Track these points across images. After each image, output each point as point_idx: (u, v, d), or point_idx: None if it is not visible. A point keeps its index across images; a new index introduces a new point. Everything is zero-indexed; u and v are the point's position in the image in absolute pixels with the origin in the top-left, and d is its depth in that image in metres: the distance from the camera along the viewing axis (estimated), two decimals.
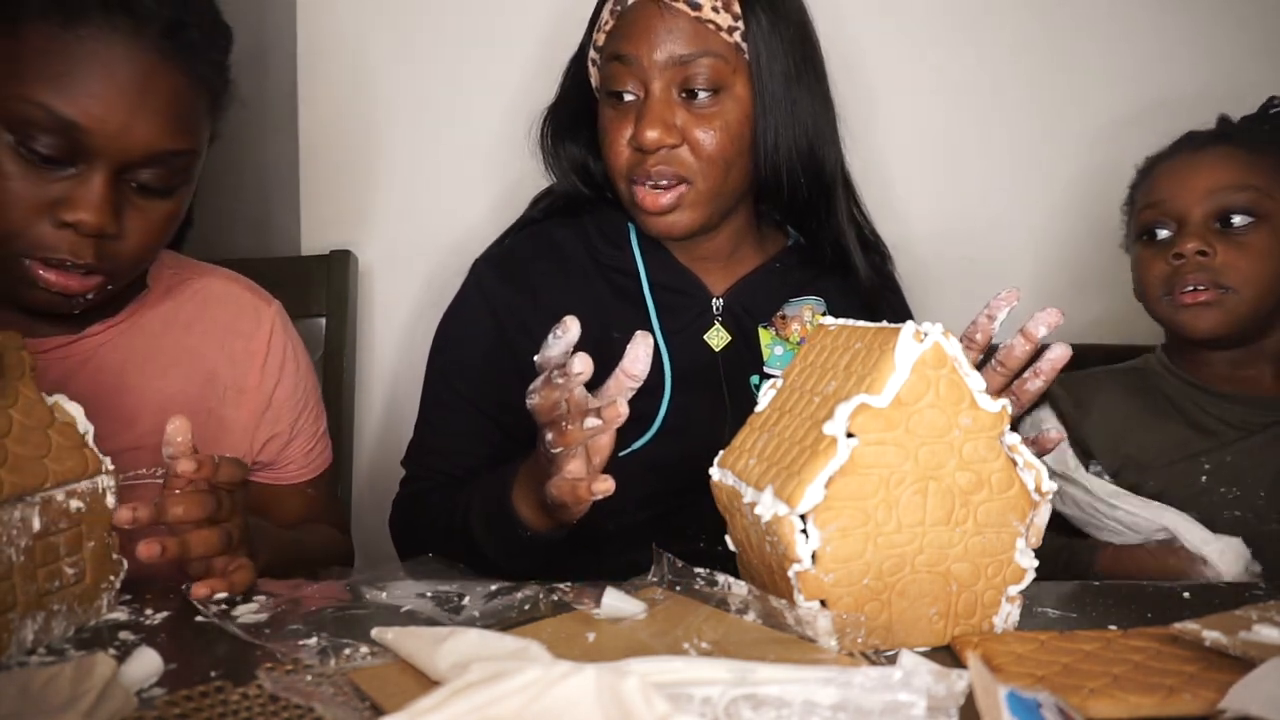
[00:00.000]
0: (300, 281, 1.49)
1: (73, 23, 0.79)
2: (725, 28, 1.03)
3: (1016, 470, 0.69)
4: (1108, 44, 1.62)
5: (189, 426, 0.76)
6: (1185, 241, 1.14)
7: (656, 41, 1.02)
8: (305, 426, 1.07)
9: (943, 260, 1.61)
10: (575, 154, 1.17)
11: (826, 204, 1.12)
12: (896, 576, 0.68)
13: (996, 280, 1.09)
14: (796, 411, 0.73)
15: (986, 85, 1.63)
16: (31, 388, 0.70)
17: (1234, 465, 1.14)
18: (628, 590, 0.75)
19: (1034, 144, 1.64)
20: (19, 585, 0.65)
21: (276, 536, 0.95)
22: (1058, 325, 0.88)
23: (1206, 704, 0.58)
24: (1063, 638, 0.68)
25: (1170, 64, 1.62)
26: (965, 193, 1.65)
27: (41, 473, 0.68)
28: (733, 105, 1.04)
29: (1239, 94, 1.27)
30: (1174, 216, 1.17)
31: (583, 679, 0.50)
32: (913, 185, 1.63)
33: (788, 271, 1.17)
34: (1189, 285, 1.14)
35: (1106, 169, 1.58)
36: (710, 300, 1.13)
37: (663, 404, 1.07)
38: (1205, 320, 1.14)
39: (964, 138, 1.64)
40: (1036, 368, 0.89)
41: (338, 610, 0.74)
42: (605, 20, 1.08)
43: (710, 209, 1.06)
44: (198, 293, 1.01)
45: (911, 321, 0.68)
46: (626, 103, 1.05)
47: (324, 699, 0.57)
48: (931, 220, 1.63)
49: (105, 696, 0.56)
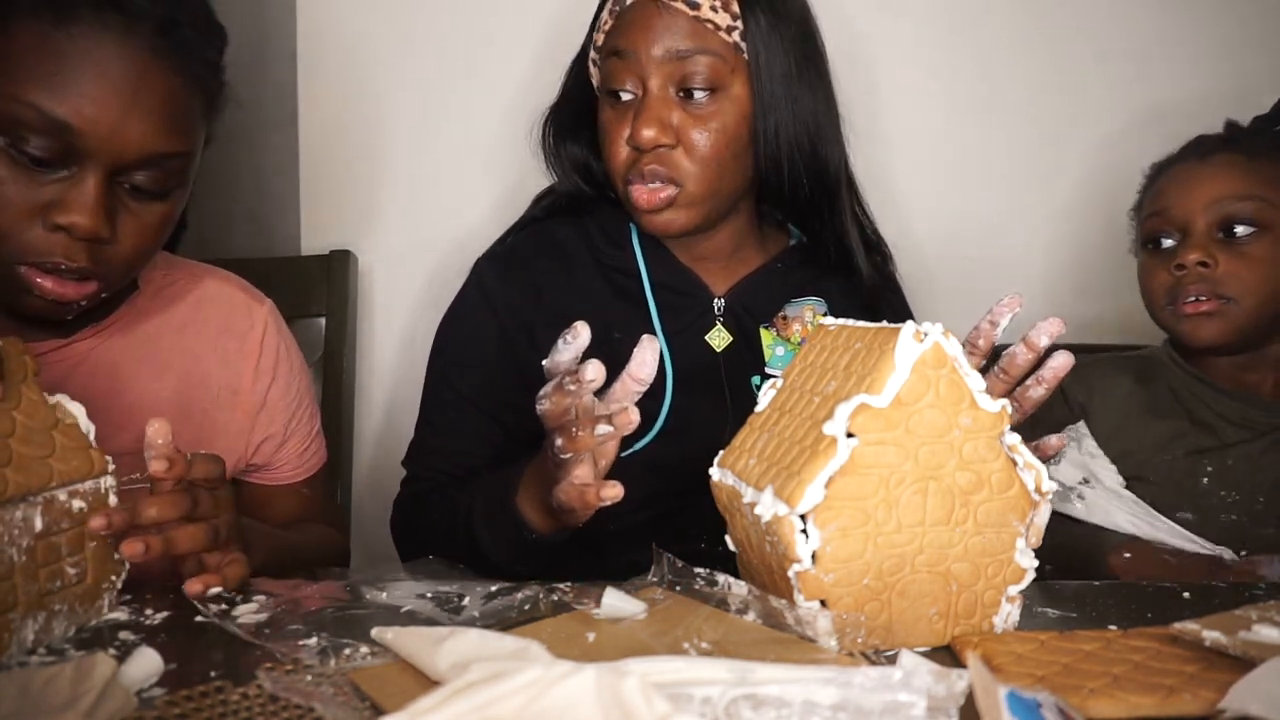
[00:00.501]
0: (300, 281, 1.49)
1: (64, 21, 0.78)
2: (724, 27, 1.03)
3: (1016, 470, 0.69)
4: (1111, 44, 1.62)
5: (169, 429, 0.76)
6: (1187, 252, 1.14)
7: (654, 37, 1.03)
8: (299, 427, 1.06)
9: (945, 261, 1.61)
10: (577, 154, 1.17)
11: (830, 204, 1.12)
12: (896, 576, 0.68)
13: (999, 281, 1.09)
14: (796, 411, 0.73)
15: (991, 86, 1.63)
16: (35, 390, 0.71)
17: (1234, 470, 1.14)
18: (628, 590, 0.75)
19: (1038, 145, 1.64)
20: (20, 585, 0.65)
21: (270, 535, 0.94)
22: (1060, 334, 0.89)
23: (1206, 704, 0.58)
24: (1063, 638, 0.68)
25: (1175, 64, 1.62)
26: (968, 193, 1.65)
27: (46, 473, 0.68)
28: (730, 106, 1.04)
29: (1247, 94, 1.27)
30: (1177, 226, 1.17)
31: (583, 679, 0.50)
32: (915, 185, 1.63)
33: (789, 272, 1.17)
34: (1190, 295, 1.14)
35: (1110, 171, 1.59)
36: (711, 300, 1.13)
37: (664, 405, 1.07)
38: (1206, 330, 1.15)
39: (967, 138, 1.64)
40: (1039, 375, 0.90)
41: (338, 610, 0.74)
42: (605, 20, 1.09)
43: (705, 210, 1.06)
44: (189, 293, 1.00)
45: (911, 321, 0.68)
46: (625, 102, 1.06)
47: (324, 699, 0.57)
48: (934, 221, 1.63)
49: (105, 696, 0.56)
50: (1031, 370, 0.90)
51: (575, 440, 0.80)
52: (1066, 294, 1.63)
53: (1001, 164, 1.64)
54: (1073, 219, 1.64)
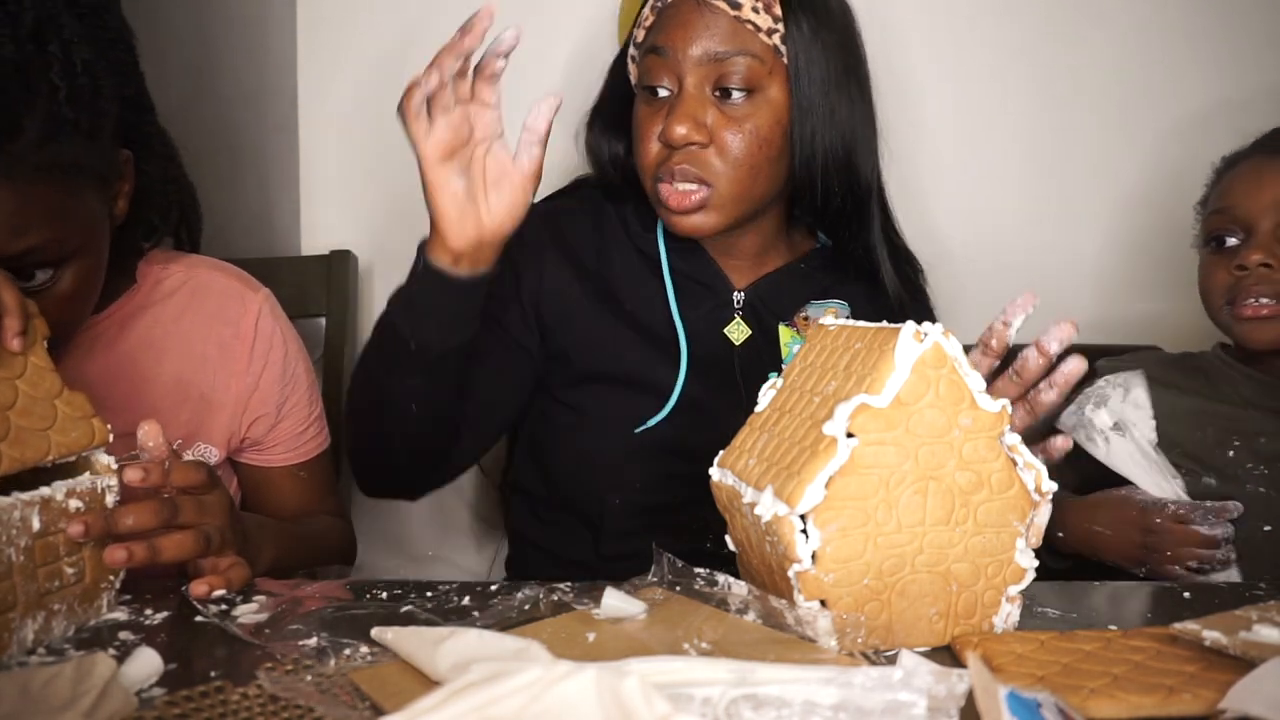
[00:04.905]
0: (300, 281, 1.48)
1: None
2: (764, 29, 1.02)
3: (1016, 470, 0.69)
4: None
5: (159, 431, 0.77)
6: (1250, 253, 1.11)
7: (693, 37, 1.02)
8: (294, 410, 1.08)
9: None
10: (615, 151, 1.16)
11: (860, 215, 1.12)
12: (896, 576, 0.68)
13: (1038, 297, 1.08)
14: (796, 411, 0.73)
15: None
16: (42, 356, 0.71)
17: (1268, 446, 1.12)
18: (628, 590, 0.75)
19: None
20: (19, 585, 0.65)
21: (280, 530, 0.96)
22: (1071, 339, 0.87)
23: (1206, 704, 0.58)
24: (1063, 638, 0.68)
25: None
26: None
27: (44, 446, 0.68)
28: (766, 109, 1.03)
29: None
30: (1241, 224, 1.14)
31: (583, 679, 0.50)
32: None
33: (811, 273, 1.16)
34: (1250, 297, 1.12)
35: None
36: (731, 293, 1.13)
37: (677, 387, 1.07)
38: (1265, 334, 1.12)
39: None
40: (1051, 379, 0.88)
41: (338, 610, 0.74)
42: (646, 16, 1.09)
43: (734, 212, 1.06)
44: (185, 283, 1.03)
45: (911, 321, 0.68)
46: (661, 98, 1.05)
47: (324, 699, 0.57)
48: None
49: (105, 696, 0.56)
50: (1045, 374, 0.89)
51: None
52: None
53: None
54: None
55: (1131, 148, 1.63)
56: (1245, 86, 1.58)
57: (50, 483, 0.69)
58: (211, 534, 0.77)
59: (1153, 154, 1.63)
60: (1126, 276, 1.65)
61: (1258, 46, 1.60)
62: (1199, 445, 1.15)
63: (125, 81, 0.91)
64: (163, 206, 1.00)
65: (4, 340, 0.69)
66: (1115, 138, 1.63)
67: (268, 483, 1.09)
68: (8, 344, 0.69)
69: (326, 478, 1.15)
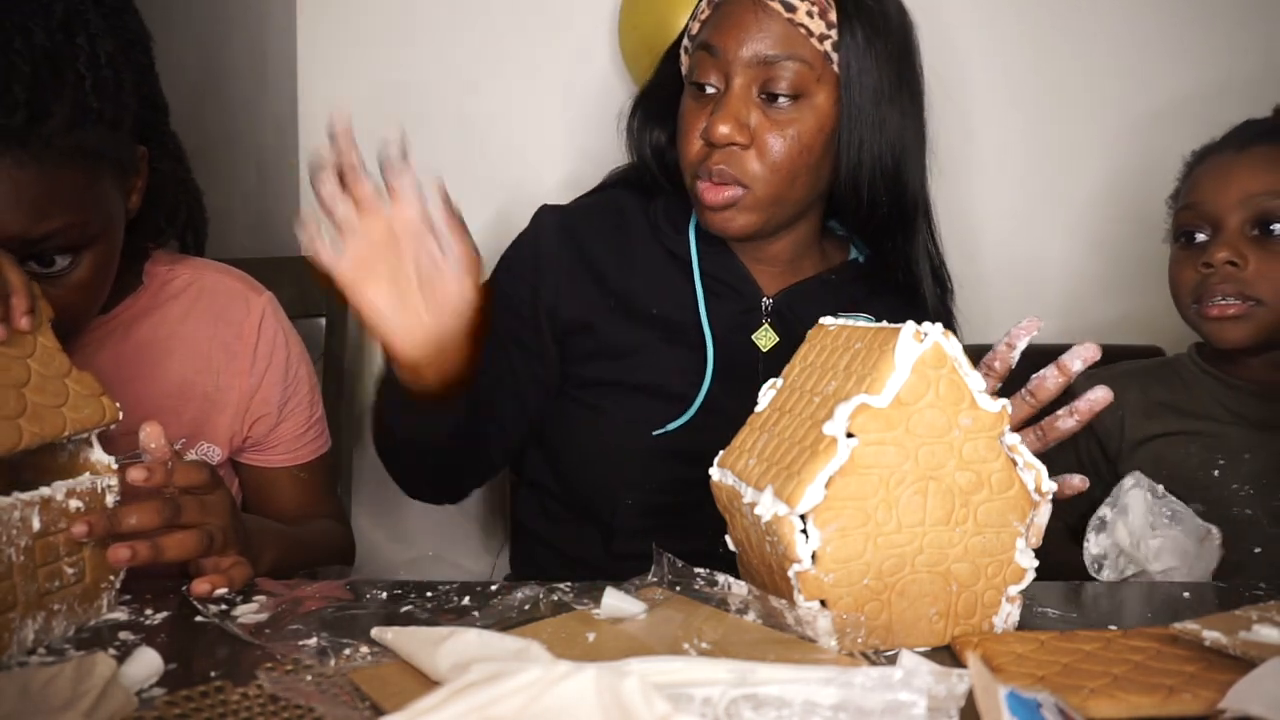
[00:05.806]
0: (300, 281, 1.48)
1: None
2: (817, 34, 1.01)
3: (1016, 470, 0.69)
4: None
5: (162, 432, 0.78)
6: (1216, 250, 1.09)
7: (745, 37, 1.01)
8: (295, 411, 1.09)
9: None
10: (658, 140, 1.16)
11: (905, 228, 1.11)
12: (896, 576, 0.68)
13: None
14: (796, 411, 0.73)
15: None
16: (50, 337, 0.72)
17: (1251, 464, 1.11)
18: (628, 590, 0.75)
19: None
20: (19, 585, 0.66)
21: (280, 533, 0.97)
22: (1094, 360, 0.85)
23: (1206, 704, 0.58)
24: (1063, 638, 0.68)
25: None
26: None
27: (60, 421, 0.69)
28: (811, 115, 1.02)
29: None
30: (1210, 220, 1.12)
31: (583, 679, 0.50)
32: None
33: (843, 285, 1.15)
34: (1216, 295, 1.10)
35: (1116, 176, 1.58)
36: (760, 299, 1.12)
37: (701, 391, 1.07)
38: (1231, 334, 1.11)
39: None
40: (1073, 406, 0.86)
41: (338, 610, 0.74)
42: (702, 9, 1.08)
43: (767, 216, 1.05)
44: (190, 285, 1.04)
45: (911, 321, 0.68)
46: (708, 95, 1.04)
47: (324, 699, 0.57)
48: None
49: (105, 696, 0.56)
50: (1059, 396, 0.87)
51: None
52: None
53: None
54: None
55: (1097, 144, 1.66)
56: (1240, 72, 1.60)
57: (50, 483, 0.69)
58: (214, 533, 0.78)
59: (1118, 149, 1.66)
60: (1102, 276, 1.66)
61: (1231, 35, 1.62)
62: (1182, 467, 1.13)
63: (143, 79, 0.92)
64: (171, 207, 1.00)
65: (13, 319, 0.70)
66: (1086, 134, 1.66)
67: (268, 483, 1.10)
68: (16, 323, 0.70)
69: (326, 481, 1.16)
